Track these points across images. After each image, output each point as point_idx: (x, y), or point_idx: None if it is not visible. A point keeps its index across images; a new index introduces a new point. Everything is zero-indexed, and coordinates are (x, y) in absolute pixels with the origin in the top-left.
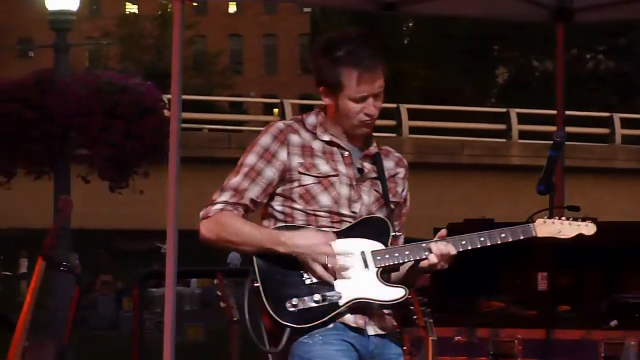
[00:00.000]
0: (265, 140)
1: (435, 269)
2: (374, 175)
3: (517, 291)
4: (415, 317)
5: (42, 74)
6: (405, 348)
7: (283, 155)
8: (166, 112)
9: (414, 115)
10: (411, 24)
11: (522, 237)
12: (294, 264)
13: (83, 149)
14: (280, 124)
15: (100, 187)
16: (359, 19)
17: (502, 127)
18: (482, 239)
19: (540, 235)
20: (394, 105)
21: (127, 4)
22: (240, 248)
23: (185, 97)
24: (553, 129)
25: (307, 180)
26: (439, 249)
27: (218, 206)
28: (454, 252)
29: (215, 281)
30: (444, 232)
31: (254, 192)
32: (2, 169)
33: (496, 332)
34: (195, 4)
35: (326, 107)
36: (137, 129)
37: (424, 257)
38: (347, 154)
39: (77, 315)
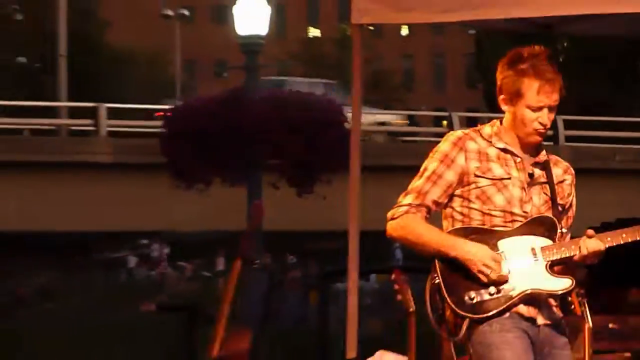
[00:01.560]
0: (445, 147)
1: (585, 263)
2: (543, 179)
3: None
4: (572, 306)
5: (234, 91)
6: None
7: (461, 159)
8: (346, 125)
9: (569, 125)
10: (565, 43)
11: None
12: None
13: (273, 159)
14: (459, 132)
15: (289, 193)
16: (519, 39)
17: None
18: (624, 235)
19: None
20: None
21: (310, 28)
22: (418, 248)
23: (366, 111)
24: None
25: (483, 182)
26: (588, 246)
27: (403, 208)
28: (602, 247)
29: (393, 276)
30: (590, 231)
31: (435, 193)
32: (200, 177)
33: None
34: (371, 28)
35: (502, 118)
36: (320, 141)
37: (576, 253)
38: (519, 160)
39: (268, 310)
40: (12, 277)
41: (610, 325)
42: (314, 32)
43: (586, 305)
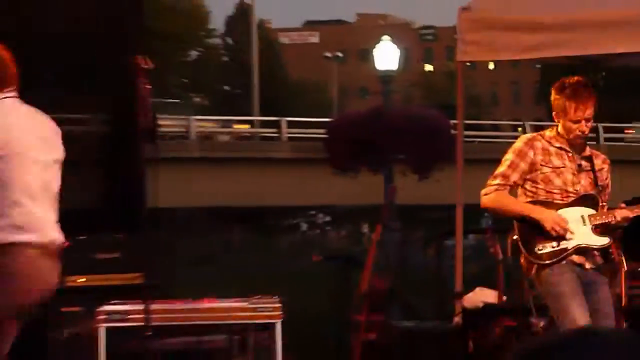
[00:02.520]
0: (520, 145)
1: (619, 225)
2: (588, 168)
3: None
4: (612, 255)
5: (374, 109)
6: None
7: (530, 154)
8: (452, 131)
9: (606, 129)
10: (603, 73)
11: None
12: (538, 226)
13: (402, 155)
14: (529, 135)
15: (413, 178)
16: (570, 70)
17: None
18: None
19: None
20: (594, 124)
21: (426, 64)
22: (505, 214)
23: (468, 121)
24: None
25: (546, 170)
26: (621, 214)
27: (493, 187)
28: (630, 215)
29: (486, 235)
30: (622, 204)
31: (514, 177)
32: (352, 167)
33: None
34: (468, 64)
35: (557, 126)
36: (434, 142)
37: (613, 219)
38: (570, 154)
39: (400, 260)
40: (223, 236)
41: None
42: (428, 67)
43: (622, 254)
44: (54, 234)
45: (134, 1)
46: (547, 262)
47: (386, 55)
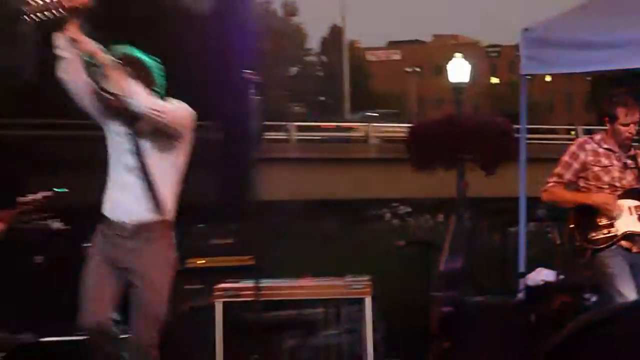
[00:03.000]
0: (574, 148)
1: None
2: (633, 166)
3: None
4: None
5: (449, 116)
6: None
7: (582, 155)
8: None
9: None
10: None
11: None
12: (591, 213)
13: (472, 154)
14: (581, 139)
15: (481, 174)
16: (618, 81)
17: None
18: None
19: None
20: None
21: (492, 77)
22: (563, 205)
23: (529, 126)
24: None
25: (596, 169)
26: None
27: (551, 183)
28: None
29: (544, 222)
30: None
31: (568, 175)
32: (430, 165)
33: None
34: (528, 77)
35: (606, 129)
36: (500, 143)
37: None
38: (617, 154)
39: (471, 244)
40: (319, 224)
41: None
42: (494, 80)
43: None
44: None
45: (247, 26)
46: (600, 246)
47: (458, 70)
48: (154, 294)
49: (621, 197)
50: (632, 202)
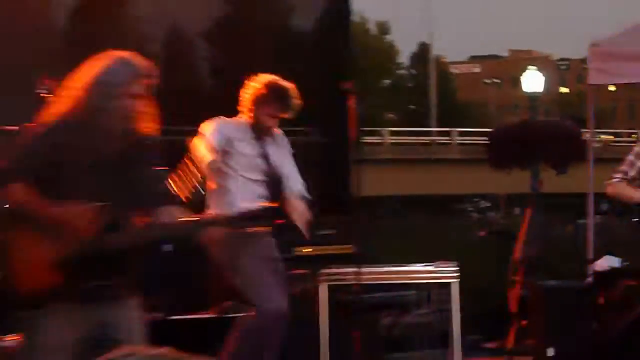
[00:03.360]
0: (637, 149)
1: None
2: None
3: None
4: None
5: (524, 121)
6: None
7: None
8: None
9: None
10: None
11: None
12: None
13: (545, 154)
14: None
15: (552, 173)
16: None
17: None
18: None
19: None
20: None
21: (561, 87)
22: (625, 199)
23: (597, 131)
24: None
25: None
26: None
27: (616, 180)
28: None
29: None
30: None
31: (632, 173)
32: (506, 166)
33: None
34: (595, 87)
35: None
36: (569, 145)
37: None
38: None
39: (545, 234)
40: (411, 217)
41: None
42: (564, 90)
43: None
44: None
45: (347, 42)
46: None
47: (532, 81)
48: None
49: None
50: None
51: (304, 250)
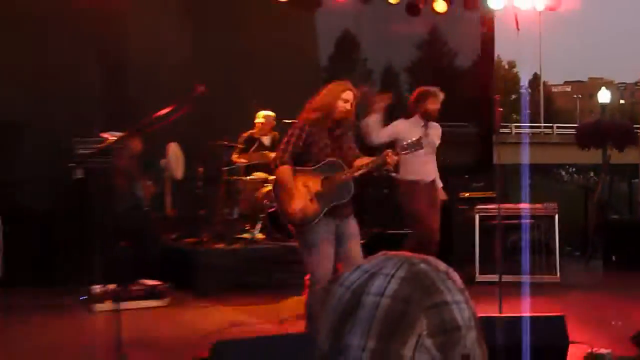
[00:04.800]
0: None
1: None
2: None
3: None
4: None
5: (597, 120)
6: None
7: None
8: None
9: None
10: None
11: None
12: None
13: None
14: None
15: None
16: None
17: None
18: None
19: None
20: None
21: (620, 100)
22: None
23: None
24: None
25: None
26: None
27: None
28: None
29: None
30: None
31: None
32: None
33: None
34: None
35: None
36: (625, 135)
37: None
38: None
39: None
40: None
41: None
42: (622, 101)
43: None
44: None
45: (491, 73)
46: None
47: (602, 96)
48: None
49: None
50: None
51: (466, 195)
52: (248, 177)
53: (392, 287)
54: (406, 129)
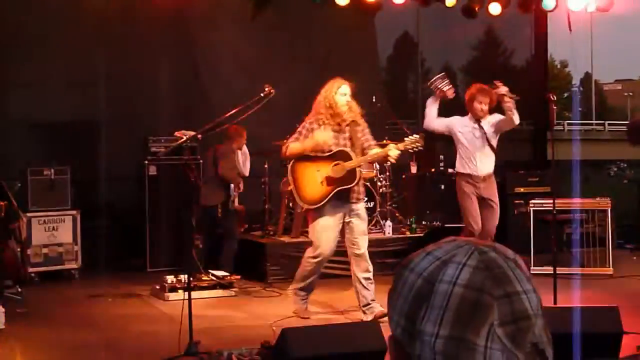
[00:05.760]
0: None
1: None
2: None
3: None
4: None
5: (636, 120)
6: None
7: None
8: None
9: None
10: None
11: None
12: None
13: None
14: None
15: None
16: None
17: None
18: None
19: None
20: None
21: None
22: None
23: None
24: None
25: None
26: None
27: None
28: None
29: None
30: None
31: None
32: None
33: None
34: None
35: None
36: None
37: None
38: None
39: None
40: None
41: None
42: None
43: None
44: None
45: (546, 72)
46: None
47: None
48: (498, 208)
49: None
50: None
51: (521, 189)
52: None
53: (464, 277)
54: (458, 124)
